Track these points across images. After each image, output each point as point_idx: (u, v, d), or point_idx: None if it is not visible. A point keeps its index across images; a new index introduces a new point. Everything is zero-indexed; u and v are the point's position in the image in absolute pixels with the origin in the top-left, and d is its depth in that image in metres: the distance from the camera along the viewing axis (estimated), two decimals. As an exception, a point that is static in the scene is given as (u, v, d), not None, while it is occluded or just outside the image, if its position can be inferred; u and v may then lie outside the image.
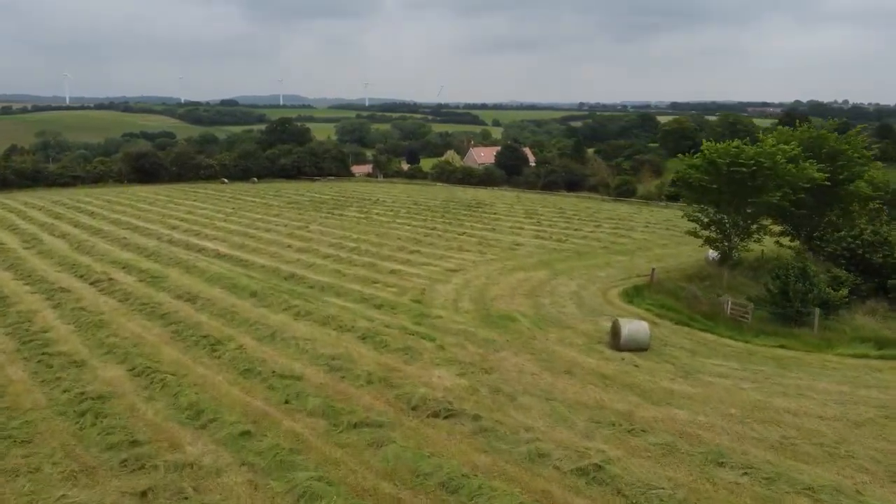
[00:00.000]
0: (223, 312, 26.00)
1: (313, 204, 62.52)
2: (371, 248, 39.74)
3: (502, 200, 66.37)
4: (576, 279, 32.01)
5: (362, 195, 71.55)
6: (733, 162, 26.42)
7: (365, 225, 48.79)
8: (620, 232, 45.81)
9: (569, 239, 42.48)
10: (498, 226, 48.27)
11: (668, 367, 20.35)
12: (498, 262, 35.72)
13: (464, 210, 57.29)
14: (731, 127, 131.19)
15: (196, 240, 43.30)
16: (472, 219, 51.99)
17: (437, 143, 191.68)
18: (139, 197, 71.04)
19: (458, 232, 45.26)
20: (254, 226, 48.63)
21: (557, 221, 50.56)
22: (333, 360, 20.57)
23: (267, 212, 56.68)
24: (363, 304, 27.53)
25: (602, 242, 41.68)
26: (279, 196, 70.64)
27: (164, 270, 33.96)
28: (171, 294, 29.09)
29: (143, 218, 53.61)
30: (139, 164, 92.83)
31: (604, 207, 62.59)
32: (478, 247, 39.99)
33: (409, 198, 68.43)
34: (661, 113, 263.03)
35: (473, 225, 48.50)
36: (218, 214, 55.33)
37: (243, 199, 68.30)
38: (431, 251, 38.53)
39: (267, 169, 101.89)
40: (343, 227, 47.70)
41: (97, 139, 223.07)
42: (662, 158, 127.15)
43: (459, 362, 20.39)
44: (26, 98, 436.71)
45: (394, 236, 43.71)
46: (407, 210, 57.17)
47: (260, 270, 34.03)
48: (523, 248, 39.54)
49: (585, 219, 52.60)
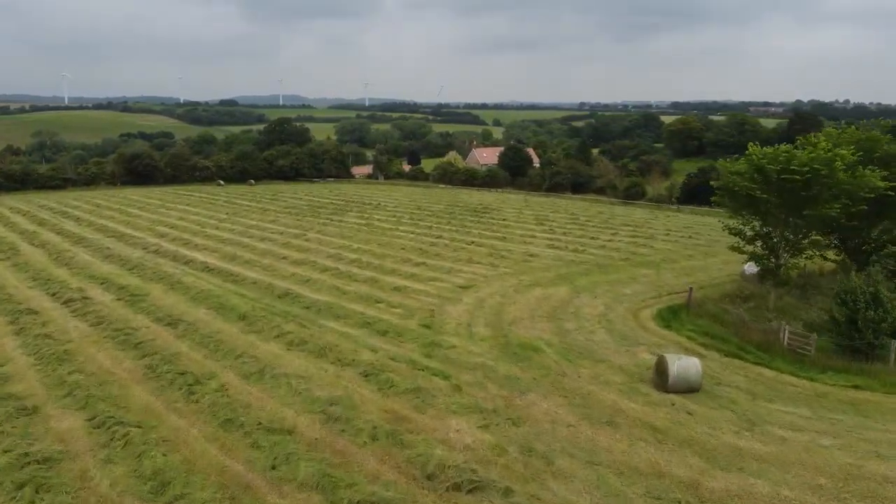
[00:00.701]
0: (206, 340, 22.72)
1: (311, 209, 59.24)
2: (373, 259, 36.47)
3: (509, 205, 63.11)
4: (600, 297, 28.73)
5: (363, 198, 68.31)
6: (784, 169, 23.15)
7: (366, 233, 45.52)
8: (640, 241, 42.54)
9: (586, 249, 39.19)
10: (508, 234, 45.00)
11: (727, 414, 17.10)
12: (512, 277, 32.45)
13: (470, 216, 54.03)
14: (739, 127, 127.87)
15: (185, 250, 40.02)
16: (479, 225, 48.73)
17: (438, 144, 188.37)
18: (130, 201, 67.74)
19: (465, 241, 41.99)
20: (248, 233, 45.34)
21: (571, 229, 47.28)
22: (331, 406, 17.31)
23: (263, 217, 53.39)
24: (365, 329, 24.26)
25: (622, 253, 38.40)
26: (276, 200, 67.35)
27: (145, 287, 30.69)
28: (150, 316, 25.82)
29: (132, 224, 50.31)
30: (133, 165, 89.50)
31: (617, 213, 59.32)
32: (489, 258, 36.72)
33: (411, 201, 65.18)
34: (663, 113, 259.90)
35: (482, 233, 45.23)
36: (211, 220, 52.04)
37: (239, 202, 65.01)
38: (438, 263, 35.26)
39: (265, 170, 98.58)
40: (343, 235, 44.42)
41: (94, 140, 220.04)
42: (669, 159, 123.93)
43: (480, 409, 17.12)
44: (26, 98, 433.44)
45: (397, 246, 40.44)
46: (410, 216, 53.90)
47: (251, 287, 30.74)
48: (538, 260, 36.27)
49: (600, 225, 49.34)
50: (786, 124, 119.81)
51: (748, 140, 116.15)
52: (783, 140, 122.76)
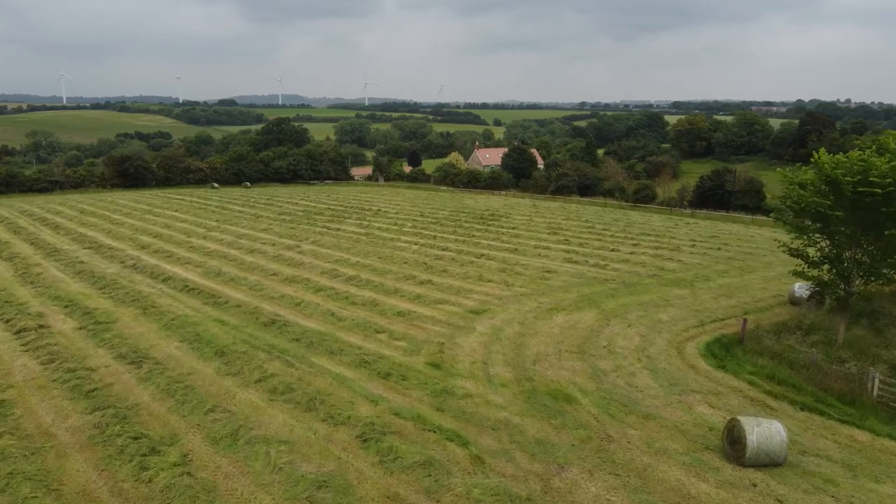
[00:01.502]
0: (174, 386, 18.83)
1: (307, 215, 55.34)
2: (373, 276, 32.59)
3: (518, 210, 59.20)
4: (634, 325, 24.86)
5: (362, 203, 64.43)
6: (862, 181, 19.30)
7: (365, 243, 41.64)
8: (665, 253, 38.65)
9: (608, 264, 35.30)
10: (520, 245, 41.11)
11: (828, 501, 13.26)
12: (530, 299, 28.56)
13: (477, 223, 50.13)
14: (749, 127, 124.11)
15: (166, 264, 36.15)
16: (488, 235, 44.85)
17: (439, 144, 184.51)
18: (117, 205, 63.85)
19: (474, 253, 38.10)
20: (237, 244, 41.45)
21: (588, 239, 43.38)
22: (319, 490, 13.46)
23: (255, 225, 49.49)
24: (363, 370, 20.38)
25: (648, 268, 34.51)
26: (271, 205, 63.44)
27: (114, 312, 26.83)
28: (112, 352, 21.93)
29: (113, 233, 46.42)
30: (123, 168, 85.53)
31: (633, 219, 55.40)
32: (501, 275, 32.84)
33: (413, 207, 61.30)
34: (664, 112, 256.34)
35: (491, 244, 41.34)
36: (199, 229, 48.15)
37: (230, 208, 61.12)
38: (446, 282, 31.37)
39: (260, 172, 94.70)
40: (340, 246, 40.53)
41: (90, 140, 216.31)
42: (677, 160, 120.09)
43: (510, 497, 13.25)
44: (25, 98, 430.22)
45: (399, 259, 36.57)
46: (412, 223, 50.02)
47: (235, 312, 26.85)
48: (556, 277, 32.39)
49: (619, 235, 45.43)
50: (796, 124, 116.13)
51: (758, 141, 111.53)
52: (795, 141, 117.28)
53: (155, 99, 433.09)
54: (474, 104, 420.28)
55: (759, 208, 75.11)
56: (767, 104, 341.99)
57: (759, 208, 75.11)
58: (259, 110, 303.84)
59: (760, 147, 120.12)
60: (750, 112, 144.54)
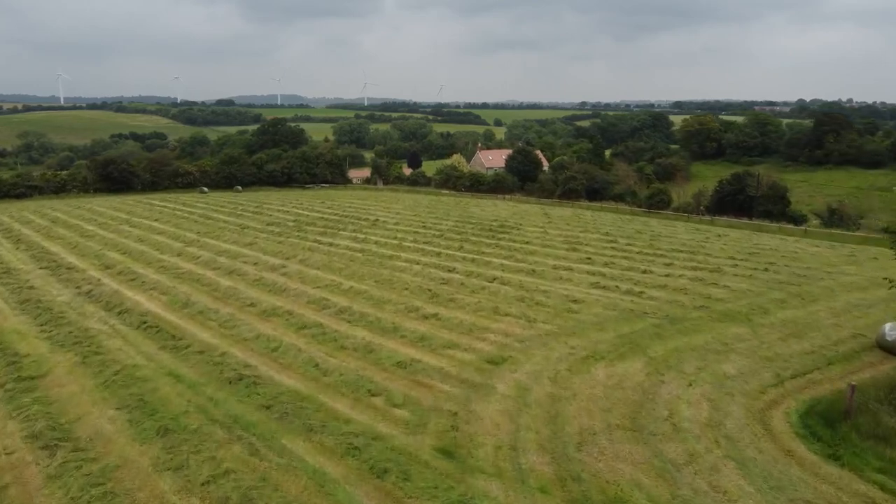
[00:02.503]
0: (88, 494, 13.56)
1: (298, 226, 49.97)
2: (368, 308, 27.27)
3: (529, 220, 53.76)
4: (697, 383, 19.53)
5: (358, 212, 59.07)
6: None
7: (360, 262, 36.31)
8: (706, 276, 33.27)
9: (643, 290, 29.93)
10: (537, 264, 35.75)
11: None
12: (558, 340, 23.24)
13: (486, 237, 44.74)
14: (761, 127, 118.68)
15: (129, 289, 30.83)
16: (499, 251, 39.49)
17: (440, 144, 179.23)
18: (94, 214, 58.53)
19: (486, 276, 32.74)
20: (214, 263, 36.12)
21: (613, 256, 38.01)
22: None
23: (238, 239, 44.13)
24: (352, 460, 15.05)
25: (692, 296, 29.16)
26: (259, 213, 58.07)
27: (48, 360, 21.53)
28: (25, 428, 16.61)
29: (79, 249, 41.10)
30: (107, 172, 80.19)
31: (657, 231, 49.97)
32: (519, 305, 27.52)
33: (414, 215, 55.93)
34: (666, 112, 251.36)
35: (504, 263, 35.96)
36: (175, 243, 42.82)
37: (216, 216, 55.76)
38: (455, 316, 26.02)
39: (253, 176, 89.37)
40: (331, 266, 35.18)
41: (84, 140, 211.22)
42: (687, 162, 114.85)
43: None
44: (24, 98, 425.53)
45: (400, 284, 31.23)
46: (414, 237, 44.65)
47: (196, 361, 21.52)
48: (585, 308, 27.05)
49: (646, 250, 40.05)
50: (801, 124, 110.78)
51: (771, 142, 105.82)
52: (811, 142, 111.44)
53: (154, 99, 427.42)
54: (474, 104, 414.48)
55: (783, 215, 69.80)
56: (770, 104, 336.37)
57: (783, 215, 69.80)
58: (257, 110, 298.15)
59: (774, 148, 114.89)
60: (763, 112, 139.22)
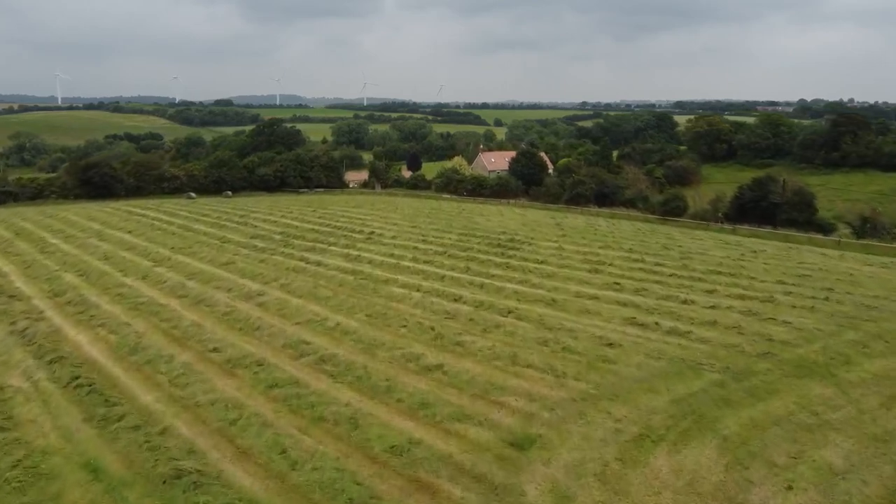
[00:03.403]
0: None
1: (285, 239, 44.56)
2: (357, 354, 21.93)
3: (541, 233, 48.22)
4: (799, 489, 14.15)
5: (353, 222, 53.65)
6: None
7: (351, 289, 30.96)
8: (758, 307, 27.82)
9: (690, 329, 24.52)
10: (556, 291, 30.37)
11: None
12: (597, 408, 17.89)
13: (495, 254, 39.31)
14: (774, 128, 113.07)
15: (72, 326, 25.50)
16: (511, 274, 34.05)
17: (440, 146, 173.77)
18: (65, 223, 53.20)
19: (499, 308, 27.33)
20: (182, 290, 30.76)
21: (643, 280, 32.52)
22: None
23: (216, 257, 38.78)
24: None
25: (749, 337, 23.81)
26: (244, 223, 52.65)
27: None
28: None
29: (32, 270, 35.75)
30: (87, 176, 74.87)
31: (685, 245, 44.40)
32: (542, 351, 22.19)
33: (413, 227, 50.50)
34: (669, 112, 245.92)
35: (519, 290, 30.49)
36: (145, 261, 37.50)
37: (196, 227, 50.37)
38: (464, 367, 20.66)
39: (244, 180, 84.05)
40: (317, 294, 29.80)
41: (78, 141, 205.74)
42: (698, 164, 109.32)
43: None
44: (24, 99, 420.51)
45: (396, 319, 25.88)
46: (413, 254, 39.25)
47: (126, 441, 16.16)
48: (623, 356, 21.72)
49: (679, 271, 34.61)
50: (828, 125, 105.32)
51: (784, 143, 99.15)
52: (828, 144, 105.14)
53: (153, 99, 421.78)
54: (474, 104, 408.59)
55: (810, 223, 64.43)
56: (772, 104, 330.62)
57: (810, 223, 64.43)
58: (255, 110, 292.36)
59: (787, 150, 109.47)
60: (775, 113, 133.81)
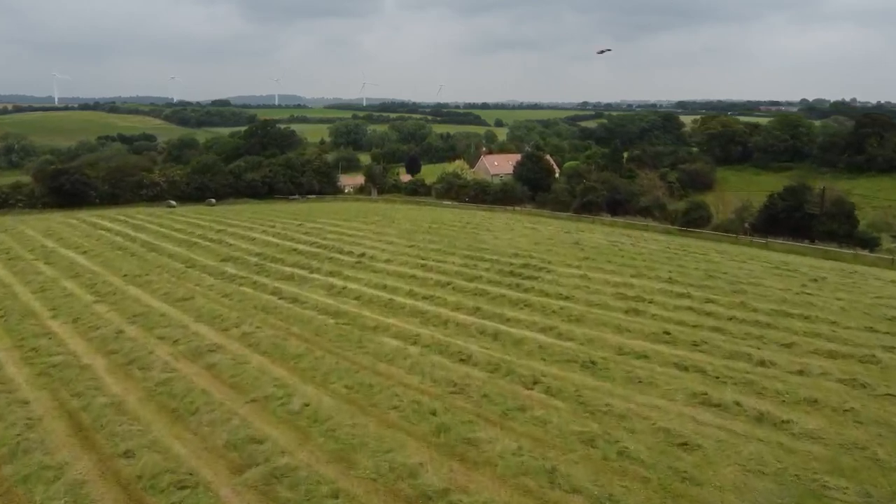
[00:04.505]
0: None
1: (260, 265, 37.63)
2: (324, 468, 14.95)
3: (559, 254, 41.00)
4: None
5: (342, 238, 46.69)
6: None
7: (329, 341, 24.04)
8: (860, 372, 20.88)
9: (789, 418, 17.59)
10: (591, 343, 23.40)
11: None
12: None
13: (507, 285, 32.22)
14: (792, 129, 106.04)
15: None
16: (531, 316, 26.99)
17: (440, 147, 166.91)
18: (16, 239, 46.40)
19: (520, 375, 20.31)
20: (116, 340, 23.83)
21: (698, 327, 25.39)
22: None
23: (174, 288, 31.91)
24: None
25: (872, 428, 16.95)
26: (219, 241, 45.72)
27: None
28: None
29: (-55, 307, 28.94)
30: (57, 184, 68.03)
31: (733, 272, 37.08)
32: (591, 457, 15.34)
33: (411, 246, 43.52)
34: (672, 112, 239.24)
35: (542, 343, 23.48)
36: (87, 295, 30.68)
37: (161, 247, 43.52)
38: (483, 497, 13.86)
39: (230, 186, 77.24)
40: (285, 348, 22.86)
41: (69, 142, 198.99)
42: (712, 168, 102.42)
43: None
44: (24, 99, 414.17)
45: (385, 396, 18.95)
46: (409, 286, 32.25)
47: None
48: (708, 467, 14.87)
49: (737, 312, 27.52)
50: (851, 126, 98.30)
51: (803, 145, 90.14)
52: (851, 146, 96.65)
53: (152, 99, 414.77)
54: (474, 104, 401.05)
55: (851, 237, 57.50)
56: (774, 104, 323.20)
57: (851, 237, 57.50)
58: (253, 111, 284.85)
59: (806, 152, 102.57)
60: (793, 113, 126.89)
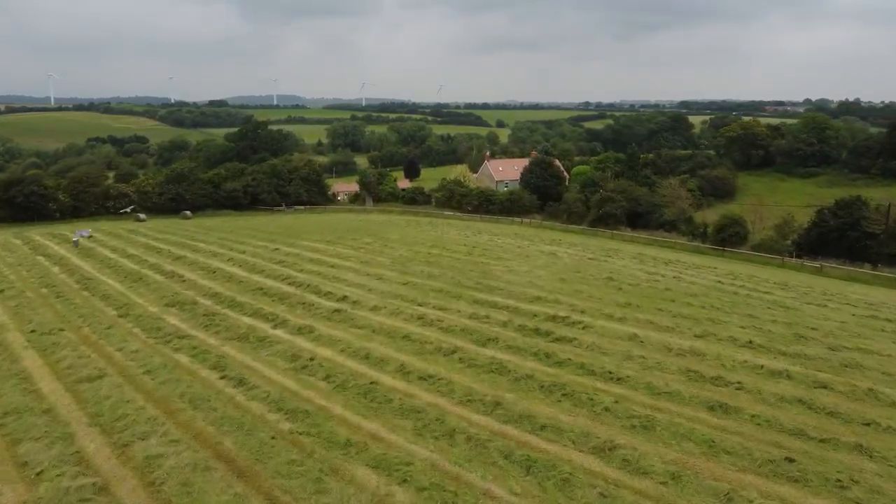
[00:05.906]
0: None
1: (210, 314, 29.10)
2: None
3: (595, 300, 31.88)
4: None
5: (322, 271, 37.92)
6: None
7: (279, 461, 15.48)
8: None
9: None
10: (678, 481, 15.05)
11: None
12: None
13: (533, 354, 23.50)
14: (819, 132, 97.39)
15: None
16: (577, 422, 18.44)
17: (440, 150, 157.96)
18: (-68, 272, 37.98)
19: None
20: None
21: (823, 438, 17.21)
22: None
23: (80, 361, 23.43)
24: None
25: None
26: (172, 275, 37.17)
27: None
28: None
29: None
30: (9, 196, 59.47)
31: (824, 327, 28.51)
32: None
33: (405, 284, 34.73)
34: (676, 112, 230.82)
35: (594, 470, 15.24)
36: (-37, 368, 22.19)
37: (98, 284, 35.04)
38: None
39: (208, 197, 68.65)
40: (202, 500, 14.44)
41: (58, 144, 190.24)
42: (734, 174, 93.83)
43: None
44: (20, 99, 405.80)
45: None
46: (400, 352, 23.58)
47: None
48: None
49: (862, 405, 19.25)
50: (887, 130, 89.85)
51: (831, 150, 78.01)
52: (886, 150, 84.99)
53: (149, 100, 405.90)
54: (475, 104, 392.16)
55: (920, 261, 48.83)
56: (779, 104, 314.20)
57: (920, 261, 48.83)
58: (251, 111, 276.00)
59: (834, 157, 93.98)
60: (820, 114, 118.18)
